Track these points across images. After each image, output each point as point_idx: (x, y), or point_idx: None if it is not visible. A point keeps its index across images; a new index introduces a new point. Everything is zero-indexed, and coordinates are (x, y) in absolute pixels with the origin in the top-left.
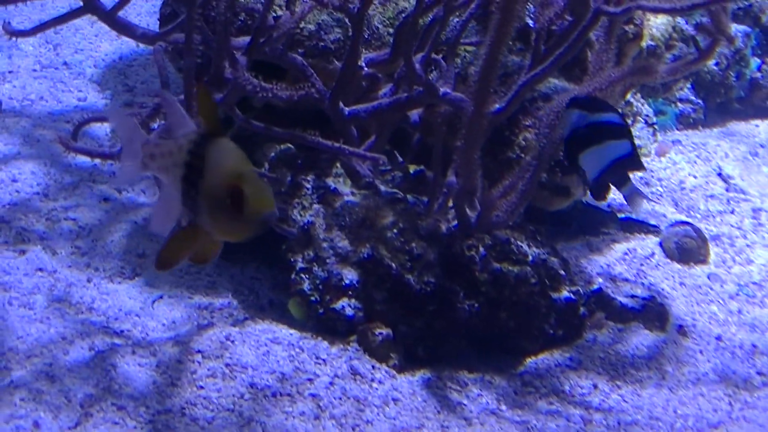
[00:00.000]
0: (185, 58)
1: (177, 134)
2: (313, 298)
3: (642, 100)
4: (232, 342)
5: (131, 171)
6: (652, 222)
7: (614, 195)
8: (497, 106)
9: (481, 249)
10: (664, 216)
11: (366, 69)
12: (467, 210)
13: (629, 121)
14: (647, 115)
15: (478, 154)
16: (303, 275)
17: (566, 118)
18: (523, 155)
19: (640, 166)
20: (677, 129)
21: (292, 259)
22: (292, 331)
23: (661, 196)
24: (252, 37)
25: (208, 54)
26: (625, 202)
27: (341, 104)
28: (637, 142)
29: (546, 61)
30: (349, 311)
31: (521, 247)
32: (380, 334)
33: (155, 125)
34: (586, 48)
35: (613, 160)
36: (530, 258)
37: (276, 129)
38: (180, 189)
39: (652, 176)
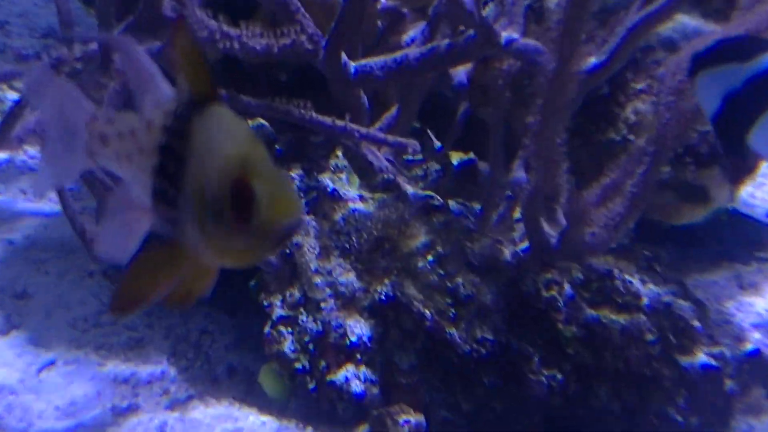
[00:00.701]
0: None
1: (143, 103)
2: (299, 366)
3: None
4: None
5: (70, 165)
6: None
7: None
8: (593, 60)
9: (567, 287)
10: None
11: (384, 0)
12: (545, 224)
13: None
14: None
15: (563, 136)
16: (284, 328)
17: (706, 86)
18: (633, 137)
19: None
20: None
21: (266, 303)
22: (264, 417)
23: None
24: None
25: None
26: None
27: (344, 57)
28: None
29: None
30: (356, 386)
31: (630, 283)
32: (406, 422)
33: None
34: None
35: None
36: (645, 301)
37: (244, 98)
38: (150, 188)
39: None
